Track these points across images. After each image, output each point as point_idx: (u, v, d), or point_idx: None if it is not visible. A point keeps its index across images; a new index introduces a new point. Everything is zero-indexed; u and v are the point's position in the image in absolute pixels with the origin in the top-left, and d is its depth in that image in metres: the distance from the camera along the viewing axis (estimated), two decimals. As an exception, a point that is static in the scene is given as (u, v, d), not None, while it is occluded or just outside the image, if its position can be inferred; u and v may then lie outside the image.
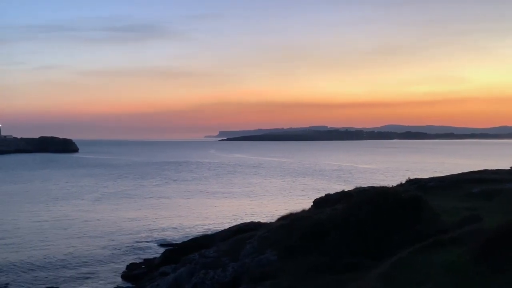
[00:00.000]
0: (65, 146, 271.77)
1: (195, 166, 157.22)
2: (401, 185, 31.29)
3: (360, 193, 25.64)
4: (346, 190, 31.59)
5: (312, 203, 32.15)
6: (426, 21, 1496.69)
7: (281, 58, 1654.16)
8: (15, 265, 36.45)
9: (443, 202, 23.42)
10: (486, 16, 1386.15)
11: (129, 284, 31.20)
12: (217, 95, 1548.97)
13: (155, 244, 43.50)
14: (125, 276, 33.68)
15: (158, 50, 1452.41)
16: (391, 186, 24.66)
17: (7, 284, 32.04)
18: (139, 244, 43.82)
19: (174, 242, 42.55)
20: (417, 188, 27.49)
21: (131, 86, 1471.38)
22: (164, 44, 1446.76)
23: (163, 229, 50.48)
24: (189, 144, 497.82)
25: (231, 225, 41.07)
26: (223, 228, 41.43)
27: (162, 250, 39.02)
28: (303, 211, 26.66)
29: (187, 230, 49.67)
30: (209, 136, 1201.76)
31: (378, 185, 27.42)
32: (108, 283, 32.23)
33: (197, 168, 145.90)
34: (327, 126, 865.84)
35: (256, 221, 39.79)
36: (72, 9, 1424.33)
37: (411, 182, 32.01)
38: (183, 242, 37.31)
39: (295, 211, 26.40)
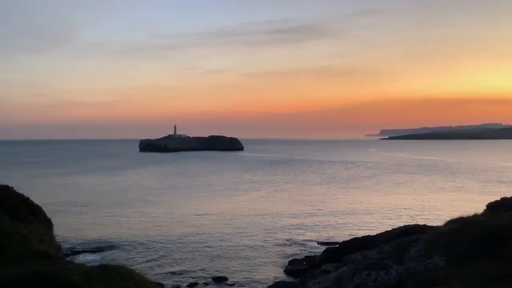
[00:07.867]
0: (231, 145, 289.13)
1: (356, 165, 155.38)
2: None
3: (545, 197, 22.93)
4: (526, 194, 28.42)
5: (485, 207, 29.54)
6: None
7: (444, 52, 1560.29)
8: (187, 255, 39.79)
9: None
10: None
11: (291, 279, 31.97)
12: (378, 92, 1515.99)
13: (316, 242, 43.94)
14: (287, 271, 34.67)
15: (318, 49, 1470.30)
16: None
17: (183, 271, 35.07)
18: (301, 241, 44.67)
19: (335, 241, 42.53)
20: None
21: (293, 86, 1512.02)
22: (324, 44, 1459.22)
23: (324, 227, 50.77)
24: (349, 143, 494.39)
25: (393, 227, 39.72)
26: (384, 229, 40.26)
27: (323, 248, 39.32)
28: (475, 215, 24.56)
29: (347, 229, 49.28)
30: (370, 135, 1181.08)
31: None
32: (271, 276, 33.43)
33: (356, 167, 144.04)
34: (501, 124, 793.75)
35: (420, 223, 37.96)
36: (238, 16, 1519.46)
37: None
38: (344, 241, 37.06)
39: (465, 215, 24.46)
